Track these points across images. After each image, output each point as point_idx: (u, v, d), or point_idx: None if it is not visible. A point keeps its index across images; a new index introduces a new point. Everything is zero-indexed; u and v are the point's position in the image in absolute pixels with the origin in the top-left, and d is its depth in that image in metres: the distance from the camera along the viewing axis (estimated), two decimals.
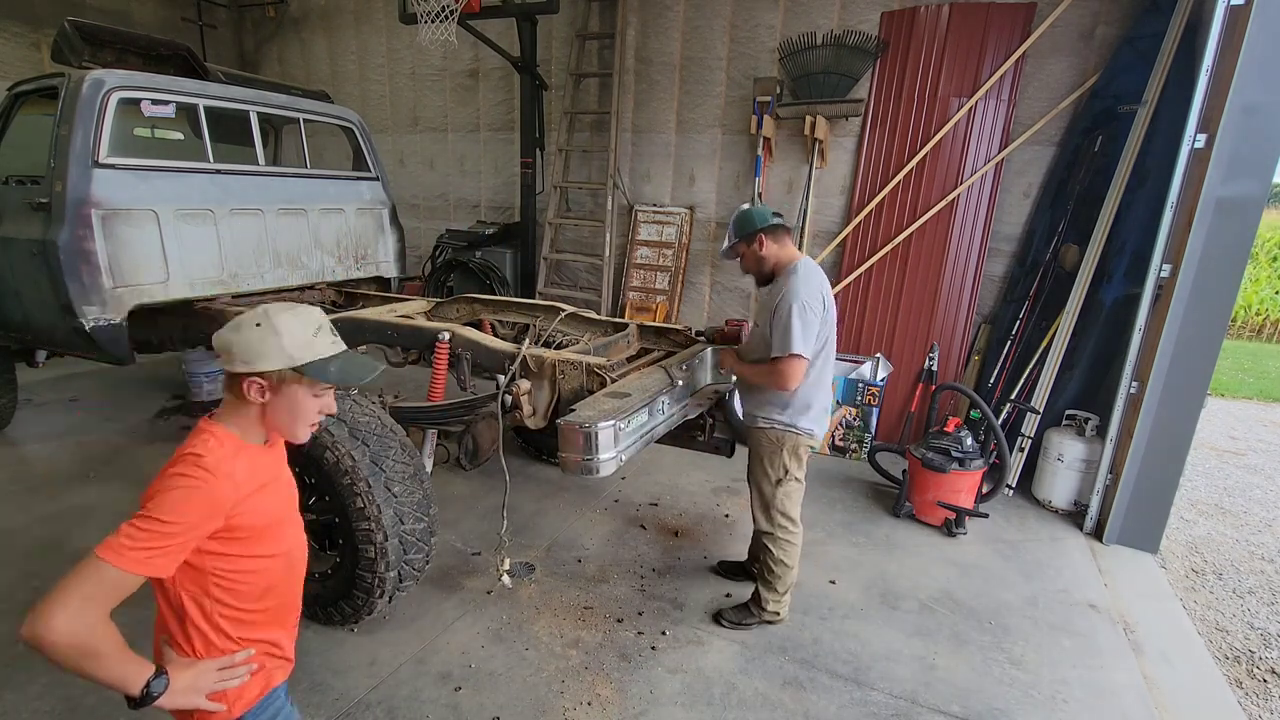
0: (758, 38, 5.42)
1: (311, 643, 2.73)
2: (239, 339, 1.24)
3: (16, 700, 2.39)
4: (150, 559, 1.13)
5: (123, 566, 1.11)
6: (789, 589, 2.90)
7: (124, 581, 1.13)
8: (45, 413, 5.18)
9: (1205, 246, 3.39)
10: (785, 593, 2.89)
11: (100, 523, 3.58)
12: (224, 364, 1.26)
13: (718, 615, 2.99)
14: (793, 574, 2.87)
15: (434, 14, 5.24)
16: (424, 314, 3.84)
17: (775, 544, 2.82)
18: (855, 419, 4.85)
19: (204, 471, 1.19)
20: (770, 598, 2.88)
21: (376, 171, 5.09)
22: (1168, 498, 3.70)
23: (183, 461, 1.20)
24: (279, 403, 1.29)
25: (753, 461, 2.86)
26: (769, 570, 2.85)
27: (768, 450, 2.77)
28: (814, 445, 2.82)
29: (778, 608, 2.90)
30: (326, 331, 1.33)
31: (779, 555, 2.82)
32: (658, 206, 6.09)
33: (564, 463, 2.34)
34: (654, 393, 2.60)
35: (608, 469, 2.24)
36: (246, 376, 1.25)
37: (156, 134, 4.76)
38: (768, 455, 2.77)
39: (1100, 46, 4.45)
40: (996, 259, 4.93)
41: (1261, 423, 6.82)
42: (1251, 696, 2.86)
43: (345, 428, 2.55)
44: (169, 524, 1.14)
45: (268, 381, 1.26)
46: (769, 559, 2.84)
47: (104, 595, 1.11)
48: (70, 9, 6.47)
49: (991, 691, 2.64)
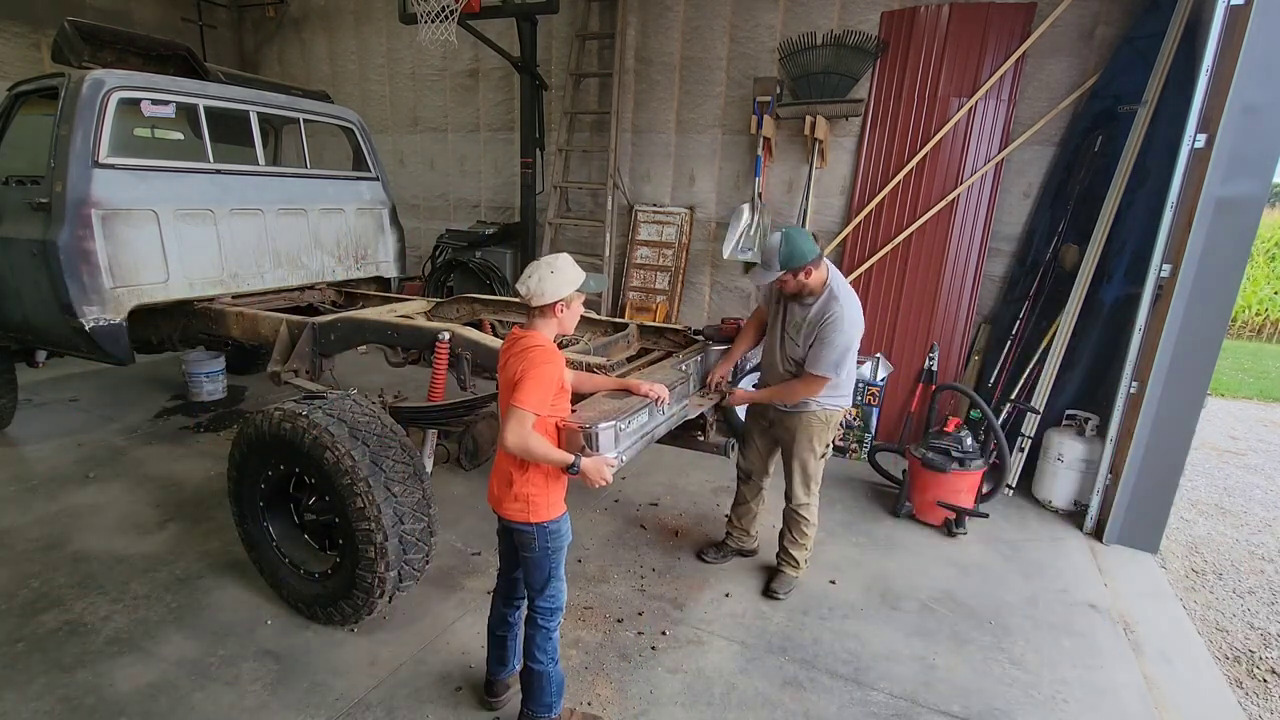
0: (758, 38, 5.42)
1: (311, 643, 2.73)
2: (544, 285, 2.02)
3: (16, 700, 2.39)
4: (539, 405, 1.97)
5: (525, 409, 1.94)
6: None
7: (529, 417, 1.96)
8: (45, 413, 5.18)
9: (1205, 246, 3.39)
10: (810, 547, 3.23)
11: (100, 523, 3.59)
12: (535, 302, 2.03)
13: (767, 591, 3.20)
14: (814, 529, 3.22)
15: (434, 14, 5.24)
16: (424, 314, 3.84)
17: (808, 511, 3.13)
18: (855, 419, 4.85)
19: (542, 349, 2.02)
20: (803, 556, 3.22)
21: (376, 171, 5.09)
22: (1168, 498, 3.70)
23: (538, 352, 2.00)
24: (569, 313, 2.13)
25: (798, 441, 3.03)
26: (801, 534, 3.17)
27: (818, 429, 2.99)
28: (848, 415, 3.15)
29: (806, 556, 3.25)
30: (575, 264, 2.11)
31: (810, 518, 3.15)
32: (658, 206, 6.09)
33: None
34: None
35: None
36: (555, 303, 2.05)
37: (156, 134, 4.76)
38: (818, 433, 3.00)
39: (1100, 46, 4.45)
40: (996, 259, 4.93)
41: (1261, 423, 6.82)
42: (1251, 696, 2.86)
43: (345, 428, 2.55)
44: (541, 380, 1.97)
45: (564, 301, 2.06)
46: (802, 525, 3.15)
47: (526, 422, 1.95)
48: (70, 9, 6.48)
49: (992, 691, 2.64)
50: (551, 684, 2.22)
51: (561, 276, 2.04)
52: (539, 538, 2.10)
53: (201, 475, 4.20)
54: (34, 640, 2.69)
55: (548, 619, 2.18)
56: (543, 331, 2.10)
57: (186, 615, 2.88)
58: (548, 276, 2.02)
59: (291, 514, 2.90)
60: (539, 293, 2.02)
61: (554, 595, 2.18)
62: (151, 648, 2.68)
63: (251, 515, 2.88)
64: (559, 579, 2.18)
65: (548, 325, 2.11)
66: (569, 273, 2.06)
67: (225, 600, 2.99)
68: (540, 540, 2.10)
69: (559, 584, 2.18)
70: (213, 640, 2.73)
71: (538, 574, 2.15)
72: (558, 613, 2.20)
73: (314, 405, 2.63)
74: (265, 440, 2.67)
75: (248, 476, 2.83)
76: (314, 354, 3.54)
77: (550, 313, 2.08)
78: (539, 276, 2.02)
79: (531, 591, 2.19)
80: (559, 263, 2.06)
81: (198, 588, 3.07)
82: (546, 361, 1.99)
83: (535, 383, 1.95)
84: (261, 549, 2.90)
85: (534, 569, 2.15)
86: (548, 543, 2.11)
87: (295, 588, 2.84)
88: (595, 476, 2.04)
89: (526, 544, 2.12)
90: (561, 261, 2.07)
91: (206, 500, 3.87)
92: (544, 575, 2.15)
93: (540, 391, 1.96)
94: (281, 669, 2.59)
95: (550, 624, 2.19)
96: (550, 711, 2.25)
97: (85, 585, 3.05)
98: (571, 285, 2.06)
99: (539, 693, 2.22)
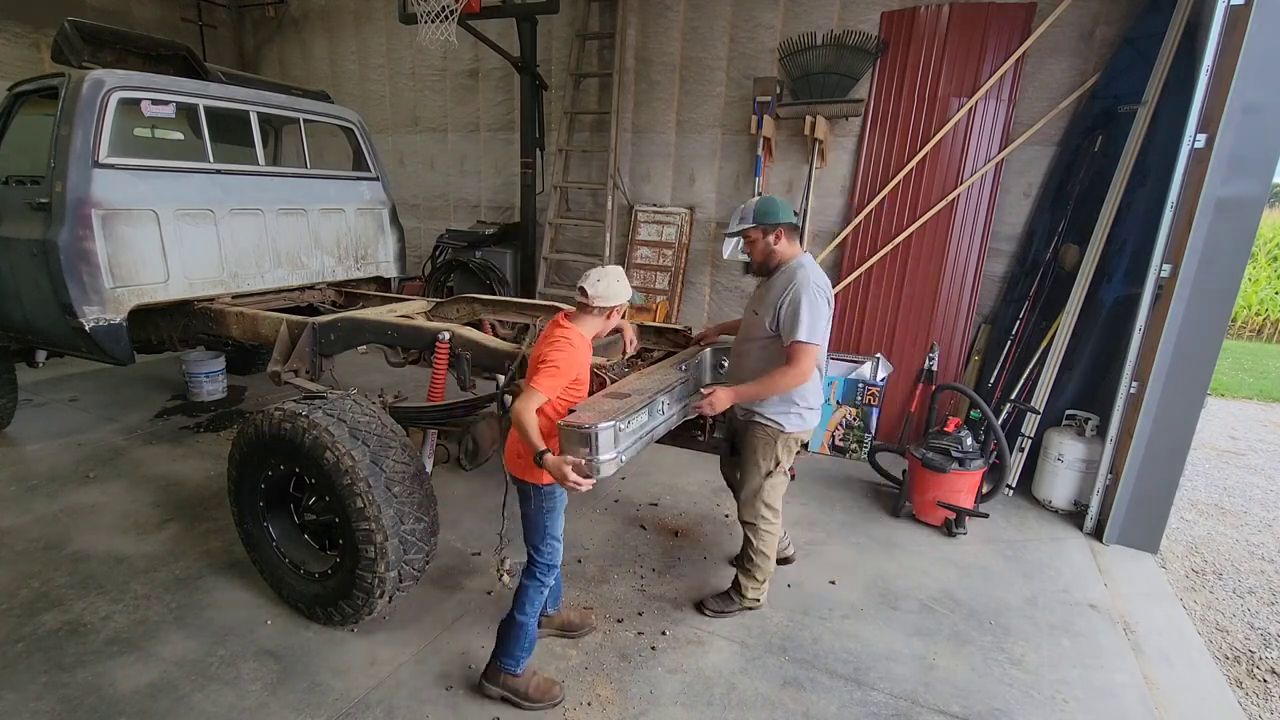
0: (758, 38, 5.42)
1: (311, 643, 2.73)
2: (610, 290, 2.25)
3: (16, 700, 2.39)
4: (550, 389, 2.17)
5: (538, 389, 2.14)
6: (768, 577, 3.00)
7: (539, 398, 2.14)
8: (45, 413, 5.18)
9: (1205, 246, 3.39)
10: (764, 581, 3.00)
11: (100, 523, 3.59)
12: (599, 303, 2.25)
13: (700, 605, 3.05)
14: (770, 563, 2.97)
15: (434, 14, 5.24)
16: (424, 314, 3.84)
17: (756, 534, 2.91)
18: (855, 419, 4.85)
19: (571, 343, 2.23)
20: (750, 585, 2.98)
21: (376, 171, 5.09)
22: (1168, 498, 3.70)
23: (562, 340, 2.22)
24: (615, 318, 2.35)
25: (744, 454, 2.89)
26: (749, 560, 2.95)
27: (763, 443, 2.81)
28: (805, 439, 2.88)
29: (757, 594, 3.00)
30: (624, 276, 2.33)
31: (758, 545, 2.91)
32: (658, 206, 6.09)
33: None
34: (653, 393, 2.60)
35: (608, 470, 2.25)
36: (613, 308, 2.29)
37: (156, 134, 4.76)
38: (762, 448, 2.82)
39: (1100, 46, 4.45)
40: (996, 259, 4.93)
41: (1261, 423, 6.82)
42: (1251, 696, 2.86)
43: (345, 428, 2.55)
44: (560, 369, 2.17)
45: (618, 308, 2.31)
46: (749, 549, 2.94)
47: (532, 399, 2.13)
48: (70, 9, 6.47)
49: (992, 691, 2.64)
50: (526, 638, 2.41)
51: (624, 286, 2.29)
52: (534, 496, 2.31)
53: (201, 475, 4.20)
54: (34, 640, 2.69)
55: (544, 573, 2.38)
56: (586, 326, 2.31)
57: (186, 615, 2.88)
58: (614, 284, 2.25)
59: (292, 514, 2.90)
60: (605, 295, 2.24)
61: (551, 553, 2.37)
62: (151, 648, 2.68)
63: (251, 515, 2.88)
64: (555, 538, 2.37)
65: (594, 323, 2.32)
66: (626, 284, 2.32)
67: (225, 600, 2.99)
68: (535, 499, 2.31)
69: (555, 543, 2.38)
70: (213, 640, 2.73)
71: (535, 531, 2.35)
72: (554, 569, 2.40)
73: (314, 405, 2.63)
74: (265, 440, 2.67)
75: (248, 476, 2.83)
76: (314, 354, 3.54)
77: (604, 315, 2.31)
78: (608, 283, 2.25)
79: (530, 547, 2.39)
80: (620, 273, 2.31)
81: (198, 588, 3.07)
82: (569, 351, 2.20)
83: (553, 367, 2.16)
84: (262, 549, 2.90)
85: (531, 526, 2.35)
86: (543, 502, 2.31)
87: (295, 588, 2.84)
88: (555, 473, 2.11)
89: (524, 497, 2.33)
90: (621, 272, 2.32)
91: (206, 500, 3.87)
92: (540, 532, 2.35)
93: (555, 378, 2.16)
94: (281, 669, 2.59)
95: (546, 579, 2.39)
96: (517, 665, 2.42)
97: (85, 585, 3.05)
98: (627, 294, 2.32)
99: (513, 644, 2.40)
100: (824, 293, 2.65)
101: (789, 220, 2.71)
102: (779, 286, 2.70)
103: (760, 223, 2.72)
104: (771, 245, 2.74)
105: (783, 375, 2.62)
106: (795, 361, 2.60)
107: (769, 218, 2.71)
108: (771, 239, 2.73)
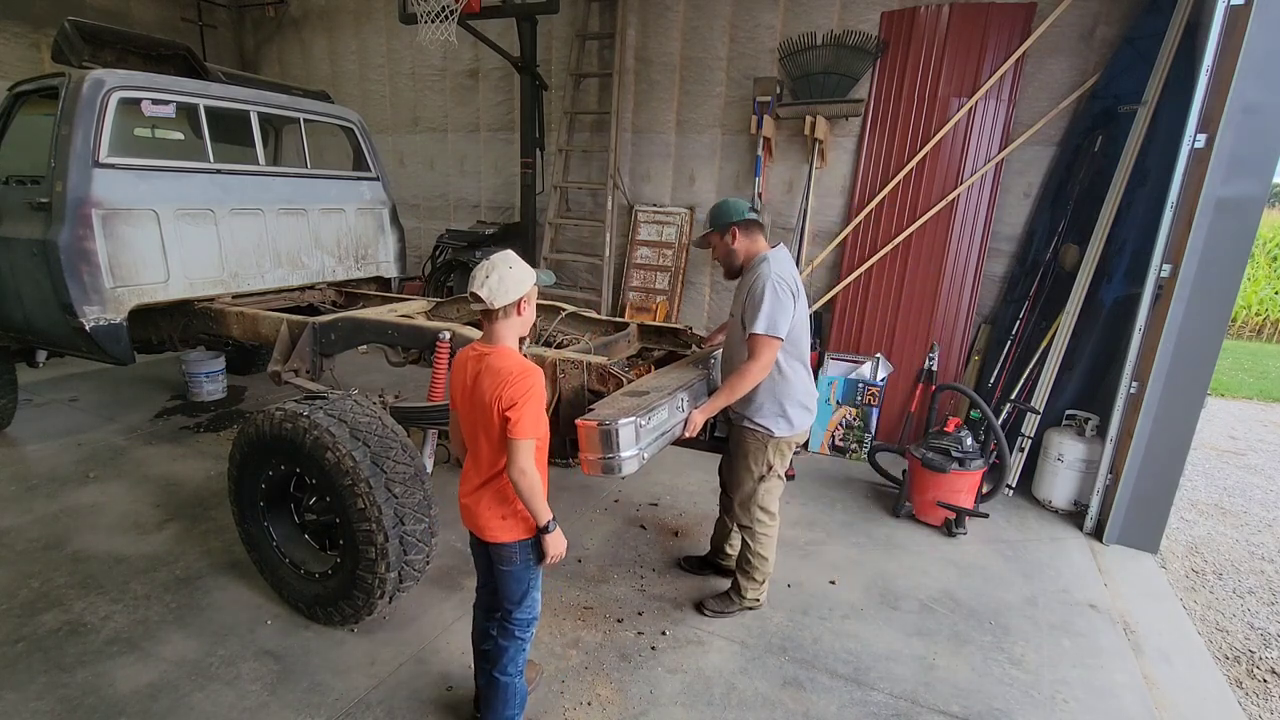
0: (758, 38, 5.42)
1: (311, 643, 2.73)
2: (502, 283, 1.88)
3: (16, 700, 2.39)
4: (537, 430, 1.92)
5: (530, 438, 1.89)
6: (766, 578, 3.01)
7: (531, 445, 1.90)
8: (45, 413, 5.18)
9: (1205, 246, 3.39)
10: (763, 582, 3.01)
11: (100, 523, 3.59)
12: (499, 301, 1.88)
13: (699, 605, 3.06)
14: (769, 564, 2.97)
15: (434, 14, 5.24)
16: (424, 314, 3.84)
17: (753, 537, 2.90)
18: (855, 419, 4.85)
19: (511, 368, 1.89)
20: (749, 586, 2.99)
21: (377, 171, 5.09)
22: (1168, 498, 3.70)
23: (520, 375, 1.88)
24: (530, 309, 2.00)
25: (736, 458, 2.88)
26: (747, 562, 2.95)
27: (753, 448, 2.80)
28: (798, 441, 2.86)
29: (757, 595, 3.02)
30: (517, 260, 1.98)
31: (756, 548, 2.91)
32: (658, 206, 6.09)
33: (584, 463, 2.26)
34: (673, 389, 2.58)
35: (630, 468, 2.17)
36: (519, 300, 1.93)
37: (157, 134, 4.76)
38: (753, 453, 2.80)
39: (1100, 46, 4.45)
40: (996, 259, 4.93)
41: (1261, 423, 6.82)
42: (1251, 696, 2.86)
43: (346, 428, 2.55)
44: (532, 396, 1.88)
45: (525, 297, 1.94)
46: (747, 551, 2.94)
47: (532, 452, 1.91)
48: (70, 9, 6.47)
49: (992, 691, 2.64)
50: (516, 697, 2.20)
51: (520, 270, 1.92)
52: (519, 553, 2.06)
53: (201, 475, 4.20)
54: (34, 640, 2.69)
55: (524, 630, 2.15)
56: (508, 340, 1.98)
57: (186, 615, 2.88)
58: (507, 273, 1.90)
59: (292, 514, 2.90)
60: (502, 291, 1.89)
61: (531, 606, 2.15)
62: (151, 648, 2.68)
63: (252, 515, 2.88)
64: (537, 589, 2.16)
65: (511, 328, 1.98)
66: (524, 266, 1.96)
67: (225, 600, 2.99)
68: (520, 556, 2.06)
69: (536, 594, 2.16)
70: (213, 640, 2.73)
71: (516, 587, 2.10)
72: (534, 623, 2.18)
73: (315, 405, 2.63)
74: (266, 440, 2.67)
75: (248, 477, 2.83)
76: (314, 354, 3.54)
77: (514, 312, 1.95)
78: (499, 275, 1.89)
79: (509, 604, 2.13)
80: (510, 258, 1.95)
81: (198, 588, 3.07)
82: (533, 383, 1.90)
83: (533, 409, 1.88)
84: (262, 549, 2.90)
85: (514, 582, 2.10)
86: (529, 555, 2.07)
87: (296, 588, 2.84)
88: (552, 550, 2.01)
89: (508, 559, 2.06)
90: (512, 257, 1.96)
91: (206, 500, 3.87)
92: (523, 588, 2.11)
93: (537, 417, 1.91)
94: (281, 669, 2.59)
95: (526, 636, 2.16)
96: None
97: (85, 585, 3.05)
98: (530, 278, 1.95)
99: (502, 706, 2.19)
100: (787, 284, 2.58)
101: (741, 218, 2.71)
102: (745, 284, 2.72)
103: (713, 226, 2.76)
104: (730, 246, 2.75)
105: (745, 371, 2.58)
106: (755, 355, 2.56)
107: (720, 219, 2.75)
108: (728, 239, 2.74)
